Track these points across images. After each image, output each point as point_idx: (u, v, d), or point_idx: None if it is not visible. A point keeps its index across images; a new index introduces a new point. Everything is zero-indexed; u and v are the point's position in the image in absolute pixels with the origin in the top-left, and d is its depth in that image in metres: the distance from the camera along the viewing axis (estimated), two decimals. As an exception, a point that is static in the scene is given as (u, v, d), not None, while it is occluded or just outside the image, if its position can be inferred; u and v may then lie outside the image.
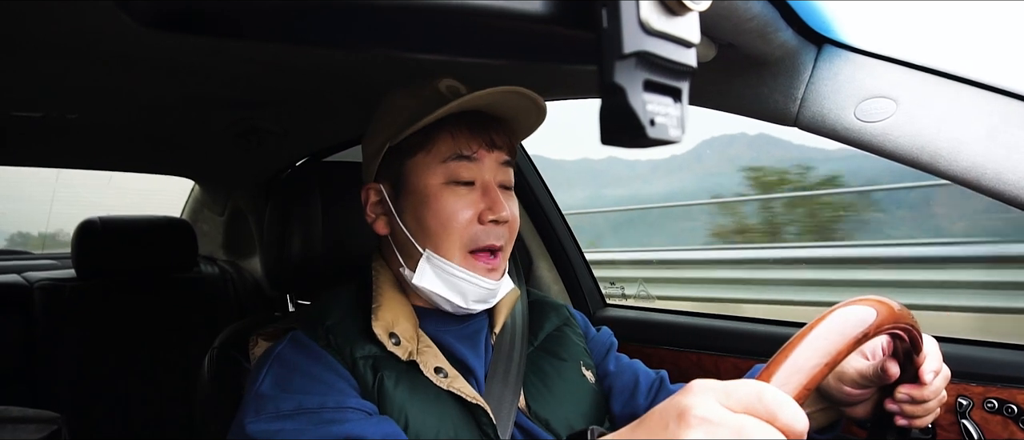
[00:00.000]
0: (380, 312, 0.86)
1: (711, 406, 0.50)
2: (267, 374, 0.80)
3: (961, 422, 1.05)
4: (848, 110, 0.82)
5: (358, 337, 0.85)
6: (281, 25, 0.32)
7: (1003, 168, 0.71)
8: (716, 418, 0.49)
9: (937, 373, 0.75)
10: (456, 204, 0.86)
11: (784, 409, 0.50)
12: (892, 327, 0.66)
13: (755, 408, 0.50)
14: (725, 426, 0.49)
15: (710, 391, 0.51)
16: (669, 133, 0.33)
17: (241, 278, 2.26)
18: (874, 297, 0.65)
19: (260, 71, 1.25)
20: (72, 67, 1.15)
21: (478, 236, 0.87)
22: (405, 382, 0.82)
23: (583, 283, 1.73)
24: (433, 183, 0.87)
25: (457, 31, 0.34)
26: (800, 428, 0.50)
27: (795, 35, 0.83)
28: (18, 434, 1.26)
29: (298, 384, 0.78)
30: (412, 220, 0.89)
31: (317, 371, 0.80)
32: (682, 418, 0.50)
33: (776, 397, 0.50)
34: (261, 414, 0.76)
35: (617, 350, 1.11)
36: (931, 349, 0.76)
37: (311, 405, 0.76)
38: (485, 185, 0.89)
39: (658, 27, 0.32)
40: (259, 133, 1.70)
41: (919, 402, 0.76)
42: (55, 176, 2.84)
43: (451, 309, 0.90)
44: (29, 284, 1.88)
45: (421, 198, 0.88)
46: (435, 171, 0.88)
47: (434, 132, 0.88)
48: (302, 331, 0.86)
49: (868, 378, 0.80)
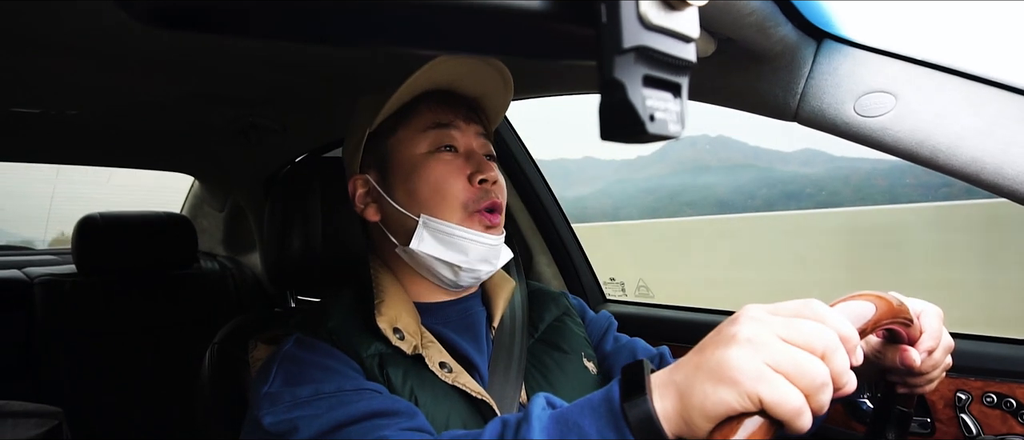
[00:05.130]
0: (383, 308, 0.86)
1: (761, 311, 0.53)
2: (277, 373, 0.79)
3: (960, 416, 1.06)
4: (847, 105, 0.82)
5: (362, 337, 0.84)
6: (281, 22, 0.32)
7: (1002, 162, 0.71)
8: (767, 317, 0.52)
9: (933, 350, 0.75)
10: (446, 169, 0.88)
11: (832, 315, 0.53)
12: (890, 322, 0.67)
13: (803, 312, 0.53)
14: (776, 321, 0.52)
15: (760, 306, 0.54)
16: (669, 128, 0.33)
17: (241, 274, 2.27)
18: (873, 292, 0.65)
19: (260, 68, 1.25)
20: (72, 64, 1.15)
21: (475, 197, 0.88)
22: (412, 377, 0.82)
23: (583, 278, 1.73)
24: (419, 153, 0.89)
25: (456, 27, 0.34)
26: (848, 331, 0.52)
27: (794, 30, 0.83)
28: (19, 429, 1.27)
29: (311, 375, 0.77)
30: (403, 194, 0.89)
31: (329, 362, 0.80)
32: (734, 321, 0.53)
33: (824, 307, 0.54)
34: (278, 405, 0.74)
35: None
36: (930, 324, 0.75)
37: (329, 389, 0.75)
38: (469, 150, 0.91)
39: (657, 22, 0.32)
40: (259, 130, 1.70)
41: (918, 374, 0.77)
42: (55, 172, 2.83)
43: (451, 276, 0.89)
44: (30, 280, 1.89)
45: (410, 169, 0.89)
46: (419, 141, 0.90)
47: (411, 108, 0.91)
48: (304, 333, 0.86)
49: (867, 358, 0.80)
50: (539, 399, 0.64)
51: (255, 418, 0.76)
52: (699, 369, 0.51)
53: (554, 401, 0.65)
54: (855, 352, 0.52)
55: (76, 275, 1.94)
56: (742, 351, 0.49)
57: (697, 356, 0.53)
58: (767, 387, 0.48)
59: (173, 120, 1.65)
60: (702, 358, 0.52)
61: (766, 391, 0.47)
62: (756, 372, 0.48)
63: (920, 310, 0.75)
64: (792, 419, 0.48)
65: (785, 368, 0.48)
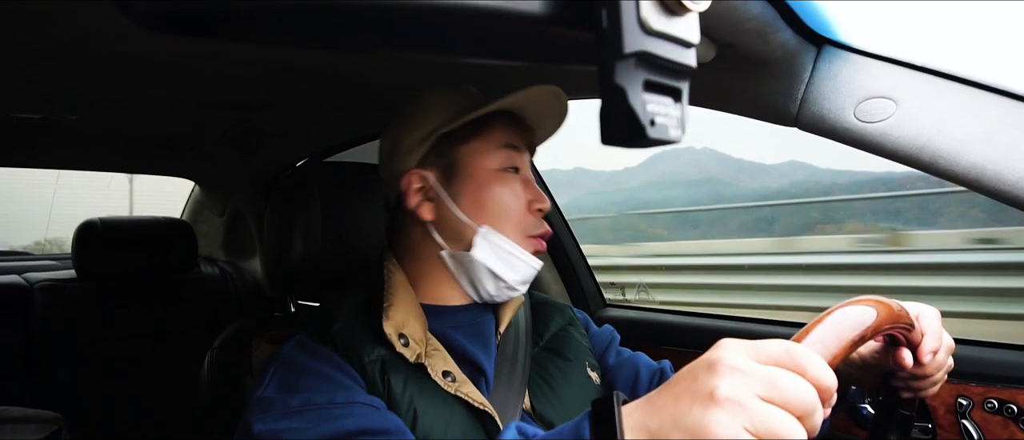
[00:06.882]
0: (391, 312, 0.86)
1: (742, 358, 0.51)
2: (272, 377, 0.80)
3: (961, 422, 1.05)
4: (848, 110, 0.82)
5: (365, 340, 0.84)
6: (281, 26, 0.32)
7: (1002, 168, 0.71)
8: (747, 368, 0.50)
9: (936, 351, 0.75)
10: (512, 190, 0.92)
11: (813, 364, 0.51)
12: (891, 328, 0.66)
13: (784, 362, 0.51)
14: (756, 376, 0.49)
15: (739, 346, 0.52)
16: (669, 133, 0.33)
17: (241, 279, 2.26)
18: (873, 297, 0.65)
19: (260, 73, 1.25)
20: (72, 69, 1.15)
21: (532, 223, 0.93)
22: (413, 384, 0.82)
23: (584, 283, 1.73)
24: (490, 168, 0.92)
25: (457, 31, 0.34)
26: (828, 382, 0.51)
27: (795, 35, 0.83)
28: (18, 434, 1.26)
29: (305, 383, 0.78)
30: (470, 203, 0.91)
31: (325, 370, 0.80)
32: (712, 368, 0.50)
33: (805, 353, 0.51)
34: (268, 413, 0.75)
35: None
36: (930, 325, 0.75)
37: (320, 401, 0.75)
38: (526, 177, 0.96)
39: (658, 27, 0.32)
40: (259, 134, 1.70)
41: (921, 377, 0.78)
42: (56, 177, 2.84)
43: (493, 289, 0.91)
44: (29, 285, 1.88)
45: (482, 182, 0.91)
46: (492, 156, 0.92)
47: (485, 122, 0.93)
48: (307, 335, 0.86)
49: (868, 362, 0.81)
50: (511, 430, 0.65)
51: (247, 422, 0.77)
52: (677, 424, 0.50)
53: (527, 431, 0.67)
54: (830, 401, 0.51)
55: (76, 280, 1.94)
56: (722, 415, 0.48)
57: (673, 405, 0.51)
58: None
59: (173, 125, 1.65)
60: (679, 411, 0.50)
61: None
62: (735, 438, 0.48)
63: (917, 313, 0.75)
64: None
65: (764, 433, 0.48)
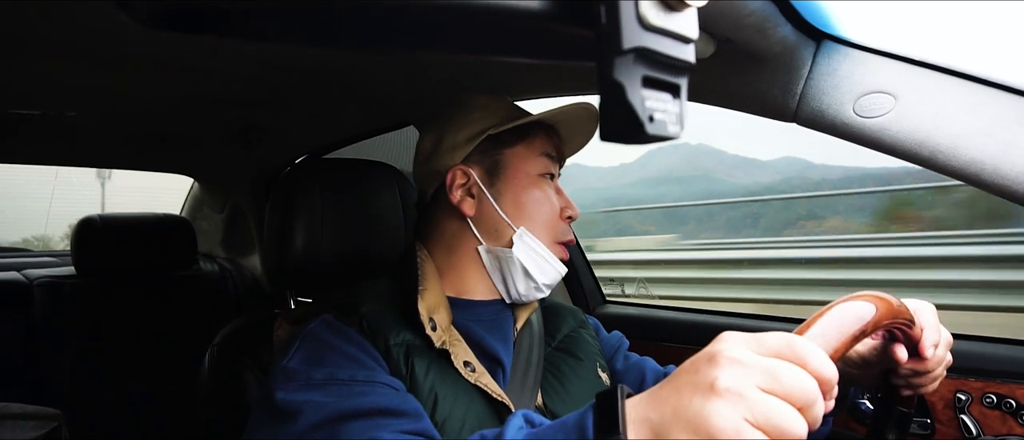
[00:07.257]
0: (425, 295, 0.89)
1: (742, 350, 0.51)
2: (298, 350, 0.81)
3: (960, 417, 1.06)
4: (847, 106, 0.82)
5: (392, 324, 0.86)
6: (280, 24, 0.32)
7: (1001, 163, 0.71)
8: (748, 360, 0.50)
9: (937, 345, 0.75)
10: (548, 195, 0.97)
11: (814, 356, 0.51)
12: (890, 324, 0.66)
13: (785, 354, 0.51)
14: (757, 367, 0.49)
15: (741, 338, 0.52)
16: (668, 129, 0.33)
17: (241, 276, 2.26)
18: (873, 293, 0.65)
19: (259, 70, 1.25)
20: (71, 66, 1.15)
21: (562, 230, 0.98)
22: (435, 370, 0.84)
23: (583, 280, 1.73)
24: (532, 173, 0.97)
25: (456, 29, 0.34)
26: (829, 374, 0.51)
27: (794, 31, 0.83)
28: (18, 431, 1.26)
29: (329, 358, 0.79)
30: (511, 204, 0.95)
31: (349, 349, 0.81)
32: (713, 360, 0.51)
33: (806, 345, 0.51)
34: (291, 382, 0.77)
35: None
36: (929, 320, 0.76)
37: (342, 377, 0.77)
38: (557, 186, 1.01)
39: (656, 23, 0.32)
40: (258, 131, 1.70)
41: (922, 373, 0.78)
42: (54, 174, 2.84)
43: (523, 287, 0.95)
44: (29, 282, 1.88)
45: (525, 184, 0.96)
46: (535, 162, 0.97)
47: (528, 129, 0.98)
48: (334, 314, 0.88)
49: (868, 360, 0.81)
50: (517, 418, 0.66)
51: (268, 390, 0.78)
52: (677, 416, 0.50)
53: (533, 418, 0.67)
54: (831, 393, 0.51)
55: (75, 277, 1.93)
56: (722, 406, 0.48)
57: (675, 397, 0.52)
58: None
59: (172, 121, 1.65)
60: (680, 402, 0.51)
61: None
62: (735, 429, 0.48)
63: (914, 308, 0.75)
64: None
65: (764, 424, 0.48)
